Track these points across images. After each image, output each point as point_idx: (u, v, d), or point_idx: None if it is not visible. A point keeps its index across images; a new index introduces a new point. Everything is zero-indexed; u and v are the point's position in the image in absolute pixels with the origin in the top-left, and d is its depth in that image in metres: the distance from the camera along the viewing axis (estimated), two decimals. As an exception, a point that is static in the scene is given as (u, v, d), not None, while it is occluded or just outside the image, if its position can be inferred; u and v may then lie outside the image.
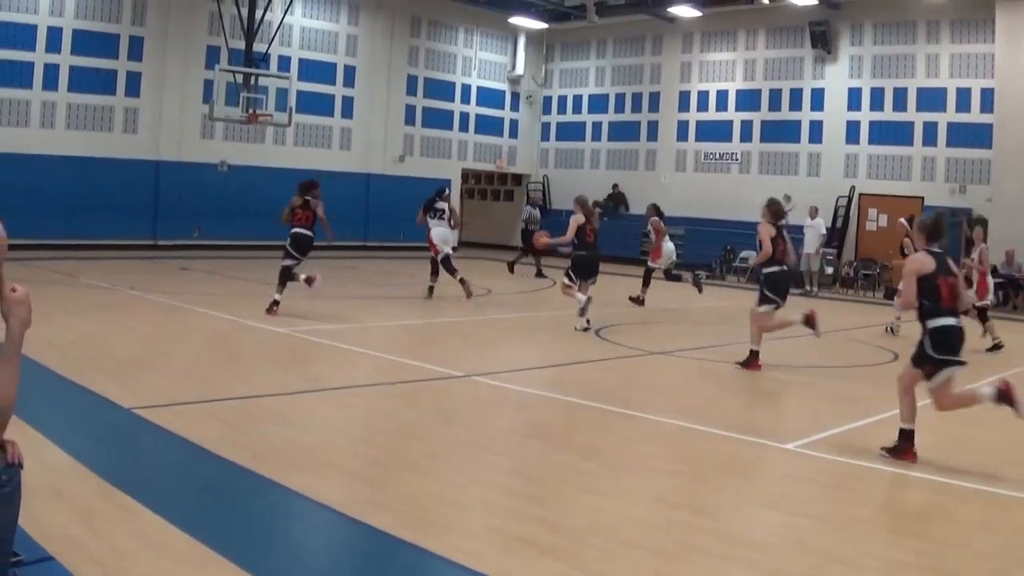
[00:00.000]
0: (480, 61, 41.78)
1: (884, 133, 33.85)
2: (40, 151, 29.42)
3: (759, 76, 36.92)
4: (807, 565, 6.56)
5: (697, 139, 38.59)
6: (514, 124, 43.29)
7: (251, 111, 30.16)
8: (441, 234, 22.66)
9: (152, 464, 8.57)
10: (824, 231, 30.18)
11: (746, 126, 37.17)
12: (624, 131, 40.94)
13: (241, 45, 30.91)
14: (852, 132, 34.54)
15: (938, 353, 9.91)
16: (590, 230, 18.83)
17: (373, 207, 31.78)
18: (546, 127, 43.94)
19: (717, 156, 37.91)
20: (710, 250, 34.77)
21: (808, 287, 29.86)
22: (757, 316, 15.11)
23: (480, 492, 8.15)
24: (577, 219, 17.86)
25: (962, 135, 32.35)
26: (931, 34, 32.99)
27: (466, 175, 42.09)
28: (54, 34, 29.97)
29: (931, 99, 32.92)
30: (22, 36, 29.38)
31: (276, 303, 18.08)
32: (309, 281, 18.19)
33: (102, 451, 8.66)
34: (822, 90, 35.32)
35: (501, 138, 42.81)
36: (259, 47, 31.37)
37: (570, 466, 9.02)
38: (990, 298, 19.74)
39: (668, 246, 24.35)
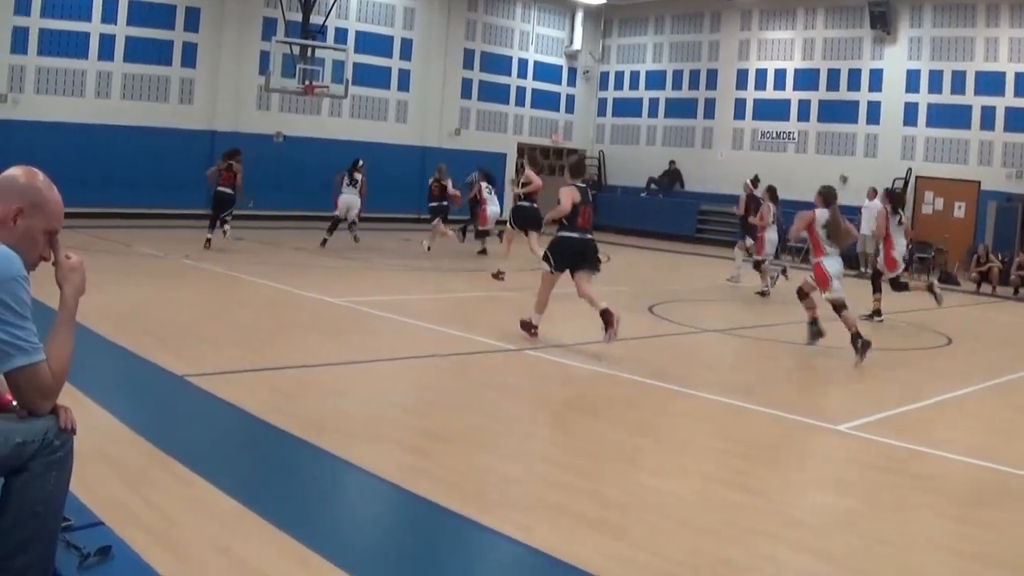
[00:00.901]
0: (537, 36, 41.57)
1: (942, 116, 33.41)
2: (95, 120, 29.53)
3: (817, 56, 36.50)
4: (856, 547, 6.50)
5: (754, 118, 38.23)
6: (571, 99, 43.09)
7: (307, 83, 30.17)
8: (348, 200, 25.67)
9: (203, 431, 8.59)
10: (875, 214, 29.71)
11: (804, 106, 36.80)
12: (681, 108, 40.61)
13: (298, 17, 30.88)
14: (910, 114, 34.10)
15: (551, 251, 14.07)
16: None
17: (428, 180, 31.63)
18: (603, 103, 43.68)
19: (774, 135, 37.60)
20: (765, 229, 34.62)
21: (863, 268, 29.58)
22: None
23: (531, 466, 8.13)
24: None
25: (1020, 120, 31.92)
26: (990, 18, 32.54)
27: (521, 149, 41.83)
28: (110, 5, 30.00)
29: (989, 83, 32.50)
30: (78, 6, 29.42)
31: (208, 240, 22.94)
32: (207, 243, 22.84)
33: (154, 418, 8.68)
34: (880, 71, 34.86)
35: (557, 113, 42.62)
36: (316, 19, 31.30)
37: (622, 442, 8.98)
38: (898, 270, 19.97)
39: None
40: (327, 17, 32.18)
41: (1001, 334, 19.66)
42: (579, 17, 41.99)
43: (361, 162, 26.56)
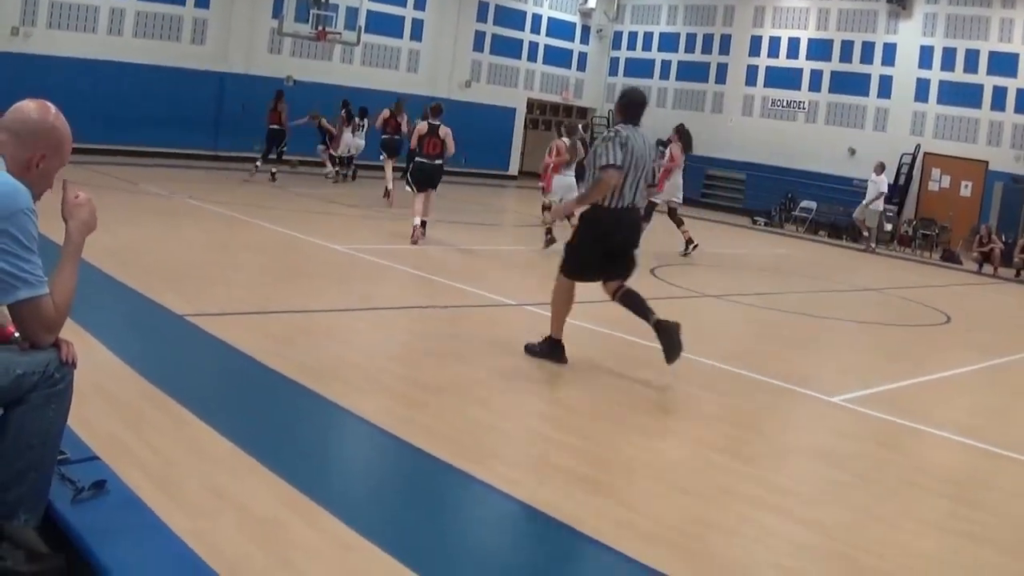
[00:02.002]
0: (552, -8, 41.51)
1: (953, 94, 33.27)
2: (106, 57, 29.41)
3: (832, 26, 36.33)
4: (845, 520, 6.53)
5: (765, 85, 38.08)
6: (583, 57, 42.93)
7: (320, 28, 30.13)
8: (355, 142, 28.89)
9: (202, 372, 8.63)
10: (885, 188, 29.56)
11: (815, 75, 36.65)
12: (693, 72, 40.45)
13: (313, -39, 30.80)
14: (921, 90, 33.94)
15: (411, 178, 18.86)
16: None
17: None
18: (615, 62, 43.51)
19: (784, 103, 37.46)
20: (770, 197, 34.55)
21: (866, 237, 29.60)
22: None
23: (524, 421, 8.18)
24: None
25: (1030, 102, 31.99)
26: (1007, -1, 32.57)
27: (531, 105, 41.76)
28: (125, -59, 29.98)
29: (1003, 63, 32.34)
30: (93, -58, 29.39)
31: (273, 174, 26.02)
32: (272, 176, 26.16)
33: (153, 356, 8.71)
34: (894, 45, 34.68)
35: (569, 70, 42.47)
36: (331, -36, 31.27)
37: (616, 402, 9.01)
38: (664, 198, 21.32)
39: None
40: (342, -37, 32.09)
41: (1001, 315, 19.72)
42: (595, -25, 41.85)
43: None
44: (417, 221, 18.14)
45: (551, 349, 10.16)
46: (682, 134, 22.97)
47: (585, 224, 10.07)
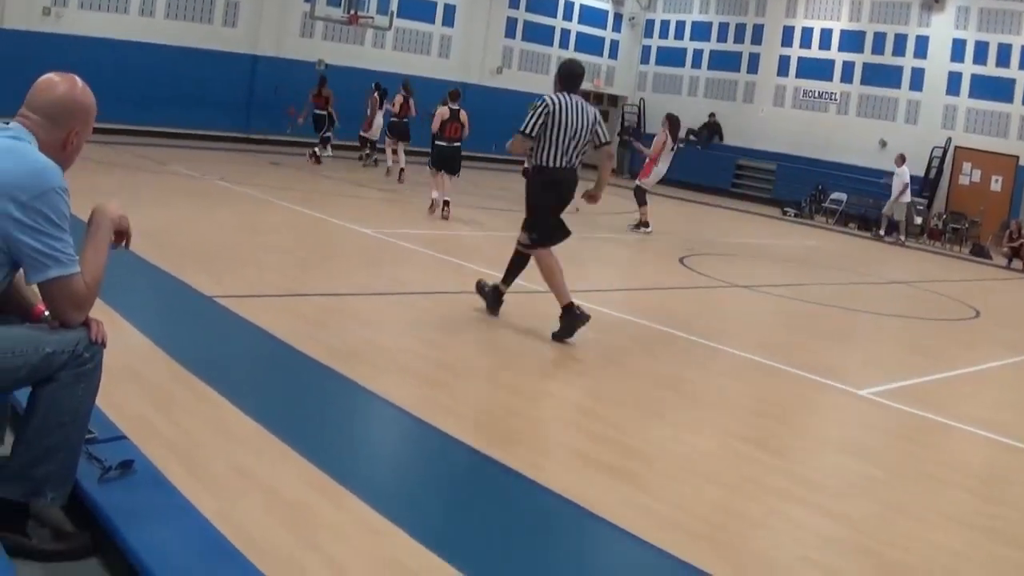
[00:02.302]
0: (585, -21, 41.44)
1: (985, 88, 33.11)
2: (137, 38, 29.53)
3: (864, 18, 36.16)
4: (872, 513, 6.50)
5: (797, 76, 37.95)
6: (615, 45, 42.86)
7: (352, 12, 30.17)
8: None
9: (230, 353, 8.63)
10: (908, 179, 29.50)
11: (848, 67, 36.50)
12: (725, 61, 40.35)
13: (346, -56, 30.83)
14: (953, 83, 33.79)
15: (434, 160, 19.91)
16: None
17: (469, 117, 31.39)
18: (646, 50, 43.42)
19: (816, 95, 37.33)
20: (801, 188, 34.39)
21: (880, 231, 29.53)
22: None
23: (552, 408, 8.18)
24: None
25: (1063, 98, 31.86)
26: (1040, -8, 32.40)
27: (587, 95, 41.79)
28: (158, -78, 30.05)
29: (1035, 58, 32.36)
30: (125, -78, 29.47)
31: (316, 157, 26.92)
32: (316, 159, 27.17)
33: (182, 337, 8.72)
34: (927, 38, 34.52)
35: (600, 58, 42.38)
36: (365, -52, 31.31)
37: (645, 392, 9.00)
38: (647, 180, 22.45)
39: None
40: (376, -53, 32.11)
41: (1031, 310, 19.63)
42: (628, -37, 41.77)
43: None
44: (437, 196, 19.43)
45: (569, 318, 10.41)
46: (671, 121, 23.29)
47: (533, 188, 10.88)
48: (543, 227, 10.84)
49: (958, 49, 33.62)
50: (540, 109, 10.44)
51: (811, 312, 14.69)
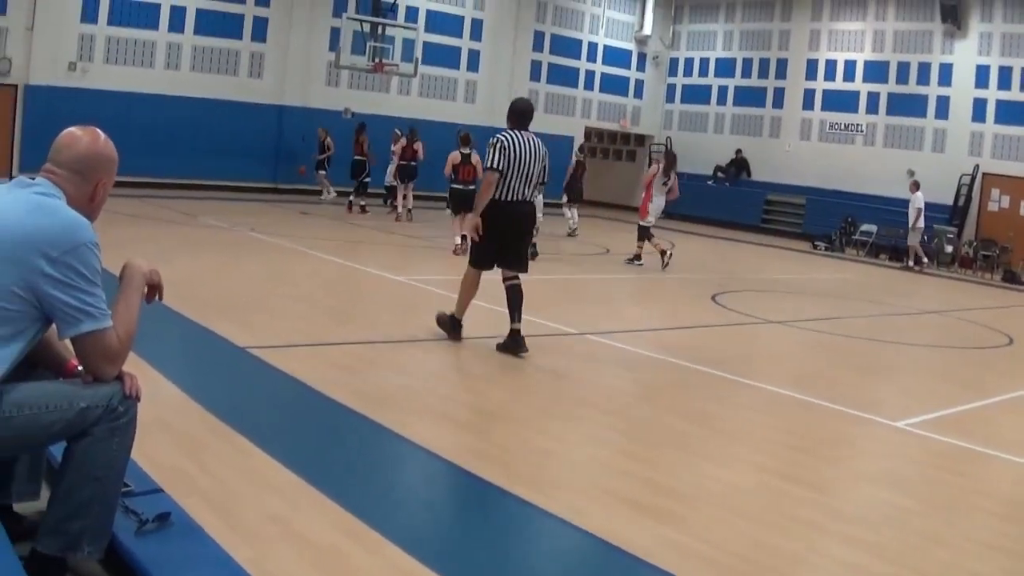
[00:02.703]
0: (608, 20, 41.44)
1: (1011, 113, 32.98)
2: (164, 91, 29.81)
3: (887, 48, 36.17)
4: (909, 545, 6.46)
5: (823, 108, 37.95)
6: (640, 84, 42.95)
7: (377, 60, 30.34)
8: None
9: (264, 403, 8.65)
10: (921, 205, 29.36)
11: (872, 98, 36.49)
12: (750, 97, 40.40)
13: (369, -6, 31.05)
14: (979, 110, 33.70)
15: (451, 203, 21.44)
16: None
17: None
18: (671, 89, 43.49)
19: (842, 127, 37.32)
20: (830, 221, 34.29)
21: (910, 262, 29.50)
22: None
23: (589, 450, 8.14)
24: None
25: (1089, 121, 31.80)
26: (1062, 15, 32.38)
27: (589, 133, 41.78)
28: (181, -23, 30.31)
29: (1060, 81, 32.33)
30: (149, -22, 29.74)
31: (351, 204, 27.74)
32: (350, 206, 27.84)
33: (215, 388, 8.75)
34: (950, 65, 34.47)
35: (626, 98, 42.50)
36: (387, -3, 31.51)
37: (680, 430, 8.97)
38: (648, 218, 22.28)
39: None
40: (398, -5, 32.30)
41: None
42: (650, 2, 41.88)
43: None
44: (458, 240, 20.09)
45: (452, 326, 11.83)
46: (666, 157, 23.40)
47: (484, 219, 11.38)
48: (480, 253, 11.64)
49: (982, 75, 33.59)
50: (498, 146, 11.24)
51: (845, 345, 14.63)
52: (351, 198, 28.55)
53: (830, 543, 6.35)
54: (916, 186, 29.36)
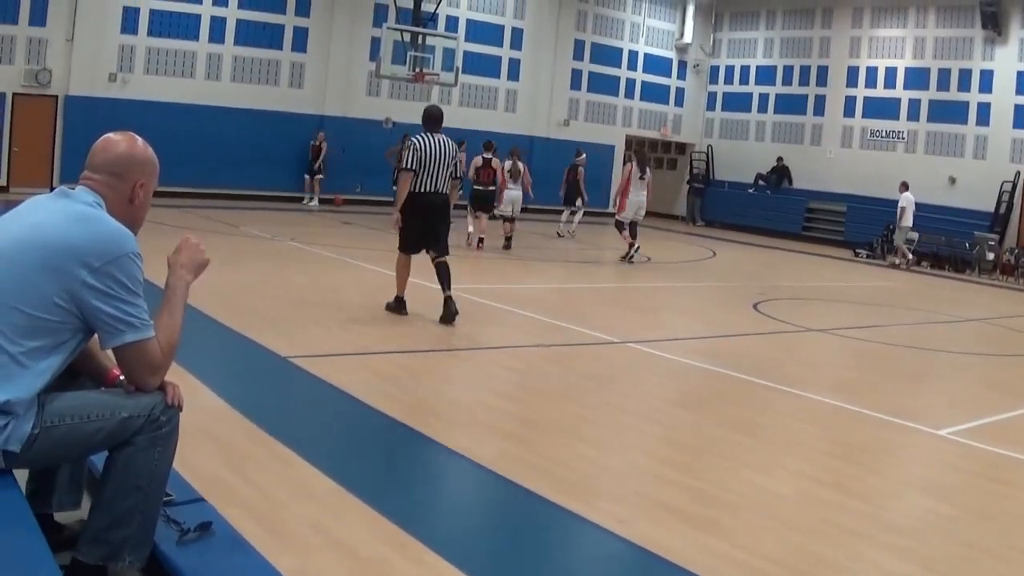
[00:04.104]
0: (648, 28, 41.36)
1: (1052, 120, 32.93)
2: (205, 102, 29.99)
3: (928, 55, 35.95)
4: (954, 555, 6.41)
5: (864, 116, 37.74)
6: (680, 92, 42.82)
7: (418, 70, 30.35)
8: None
9: (306, 413, 8.66)
10: (906, 204, 29.98)
11: (914, 105, 36.27)
12: (791, 104, 40.20)
13: (409, 4, 31.01)
14: (1020, 116, 33.41)
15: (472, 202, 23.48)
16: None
17: (537, 170, 31.51)
18: (712, 97, 43.38)
19: (883, 134, 37.11)
20: (872, 228, 34.04)
21: (896, 259, 30.01)
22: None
23: (632, 459, 8.11)
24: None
25: None
26: (1103, 20, 32.17)
27: (630, 142, 41.64)
28: (222, -13, 30.47)
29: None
30: (190, -11, 29.92)
31: None
32: None
33: (257, 398, 8.78)
34: (991, 72, 34.24)
35: (666, 106, 42.40)
36: (427, 6, 31.51)
37: (722, 438, 8.93)
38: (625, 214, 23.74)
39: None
40: (438, 5, 32.33)
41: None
42: (690, 10, 41.76)
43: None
44: (473, 231, 23.49)
45: (397, 305, 13.66)
46: (637, 156, 24.38)
47: (405, 210, 13.27)
48: (405, 240, 13.60)
49: (1023, 82, 33.36)
50: (411, 148, 13.22)
51: (887, 353, 14.55)
52: None
53: (873, 552, 6.30)
54: (905, 187, 29.98)
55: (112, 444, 4.21)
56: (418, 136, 13.37)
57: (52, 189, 4.38)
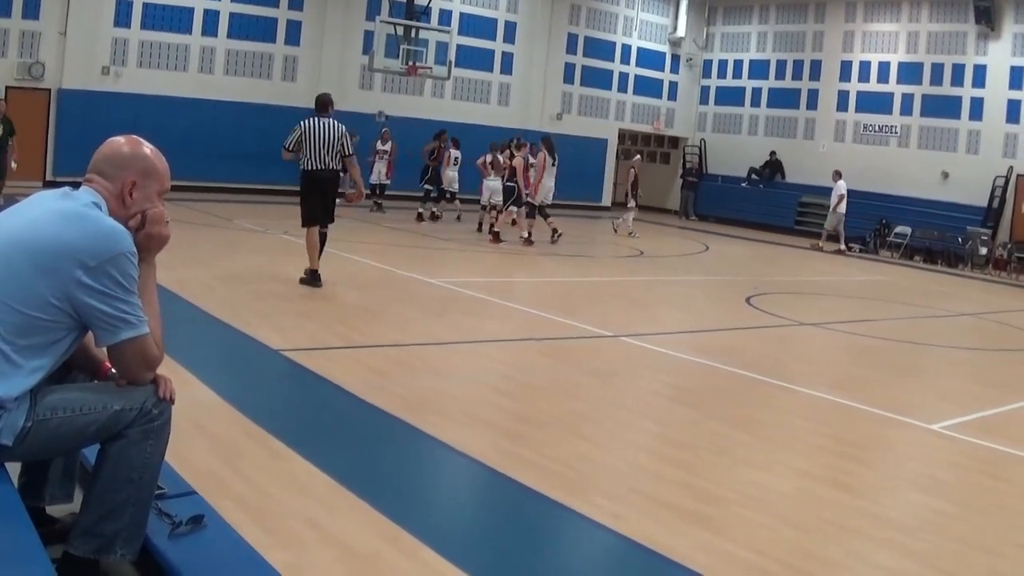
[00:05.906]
0: (641, 22, 41.33)
1: (1045, 115, 32.96)
2: (197, 95, 29.96)
3: (921, 49, 35.92)
4: (950, 551, 6.39)
5: (857, 110, 37.73)
6: (673, 86, 42.82)
7: (411, 63, 30.32)
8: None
9: (299, 407, 8.65)
10: (843, 192, 31.70)
11: (907, 99, 36.27)
12: (784, 98, 40.20)
13: (403, -3, 31.09)
14: (1013, 111, 33.42)
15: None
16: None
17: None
18: (705, 91, 43.39)
19: (876, 128, 37.10)
20: (865, 223, 34.02)
21: (843, 245, 31.19)
22: None
23: (627, 454, 8.09)
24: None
25: (1125, 122, 31.64)
26: (1098, 15, 32.20)
27: (623, 135, 41.69)
28: (215, -20, 30.43)
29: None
30: (183, -19, 29.88)
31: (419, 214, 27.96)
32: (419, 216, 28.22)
33: (250, 391, 8.76)
34: (984, 67, 34.20)
35: (659, 100, 42.39)
36: (420, 0, 31.46)
37: (718, 434, 8.91)
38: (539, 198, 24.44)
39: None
40: (431, -2, 32.31)
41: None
42: (683, 4, 41.71)
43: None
44: (525, 234, 23.60)
45: (311, 277, 14.64)
46: (547, 144, 24.86)
47: (301, 186, 14.82)
48: (305, 212, 14.70)
49: (1016, 77, 33.32)
50: (295, 131, 14.78)
51: (880, 348, 14.54)
52: (420, 210, 28.17)
53: (871, 548, 6.29)
54: (838, 175, 31.78)
55: (104, 437, 4.18)
56: (305, 120, 15.01)
57: (45, 182, 4.34)
